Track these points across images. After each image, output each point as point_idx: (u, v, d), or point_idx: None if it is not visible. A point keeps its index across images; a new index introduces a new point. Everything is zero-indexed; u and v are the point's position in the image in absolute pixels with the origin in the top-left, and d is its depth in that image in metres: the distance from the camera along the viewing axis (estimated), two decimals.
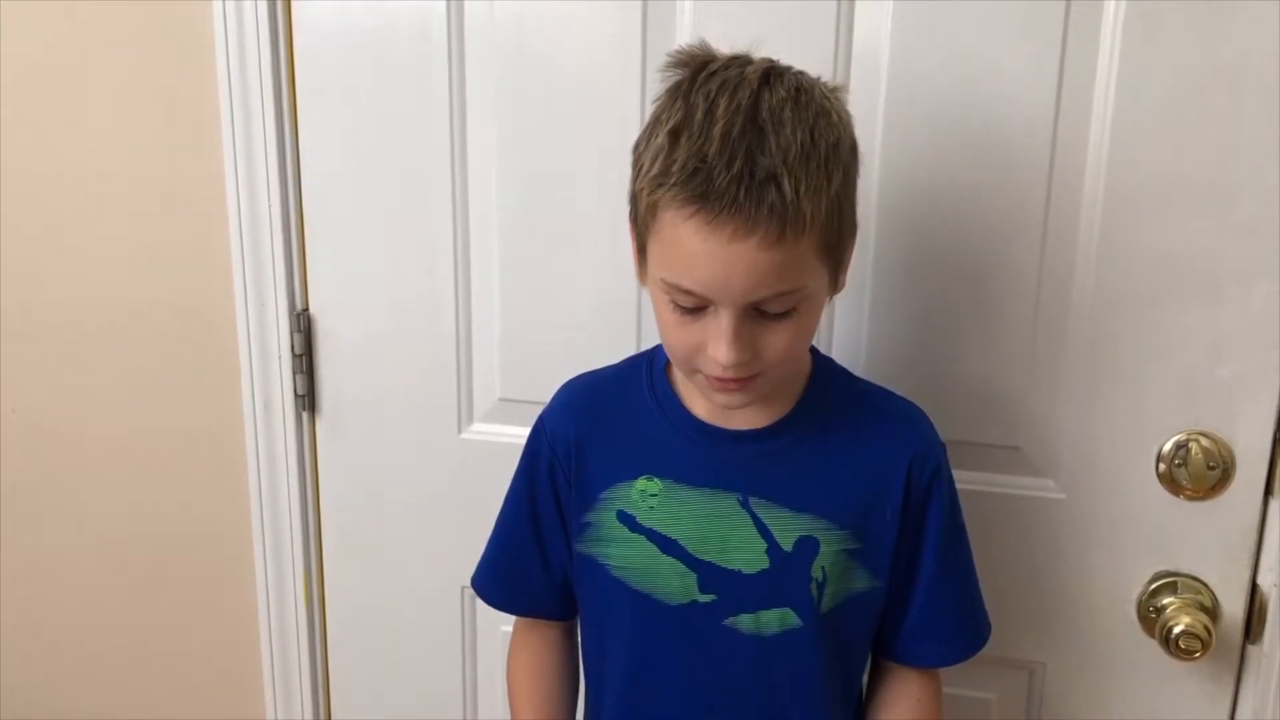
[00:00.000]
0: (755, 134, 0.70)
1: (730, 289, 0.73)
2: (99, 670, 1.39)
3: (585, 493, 0.89)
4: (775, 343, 0.76)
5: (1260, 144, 0.92)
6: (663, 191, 0.72)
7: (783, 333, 0.76)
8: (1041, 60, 0.94)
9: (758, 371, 0.77)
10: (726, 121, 0.70)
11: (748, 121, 0.71)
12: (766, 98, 0.72)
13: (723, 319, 0.74)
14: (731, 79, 0.73)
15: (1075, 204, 0.97)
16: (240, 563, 1.27)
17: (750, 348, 0.75)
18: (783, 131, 0.70)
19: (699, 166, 0.70)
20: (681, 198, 0.71)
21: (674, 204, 0.72)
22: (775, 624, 0.85)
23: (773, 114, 0.71)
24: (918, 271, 1.01)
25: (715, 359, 0.75)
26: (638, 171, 0.76)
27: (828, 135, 0.73)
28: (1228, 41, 0.90)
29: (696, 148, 0.71)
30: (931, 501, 0.86)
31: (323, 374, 1.20)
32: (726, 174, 0.69)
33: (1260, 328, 0.95)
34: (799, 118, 0.71)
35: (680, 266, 0.73)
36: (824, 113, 0.74)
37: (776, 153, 0.70)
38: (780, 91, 0.72)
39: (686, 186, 0.71)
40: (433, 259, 1.13)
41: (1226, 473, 0.98)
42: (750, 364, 0.76)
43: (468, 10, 1.06)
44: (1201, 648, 0.97)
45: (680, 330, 0.77)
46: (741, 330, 0.74)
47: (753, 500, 0.84)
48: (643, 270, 0.80)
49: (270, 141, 1.13)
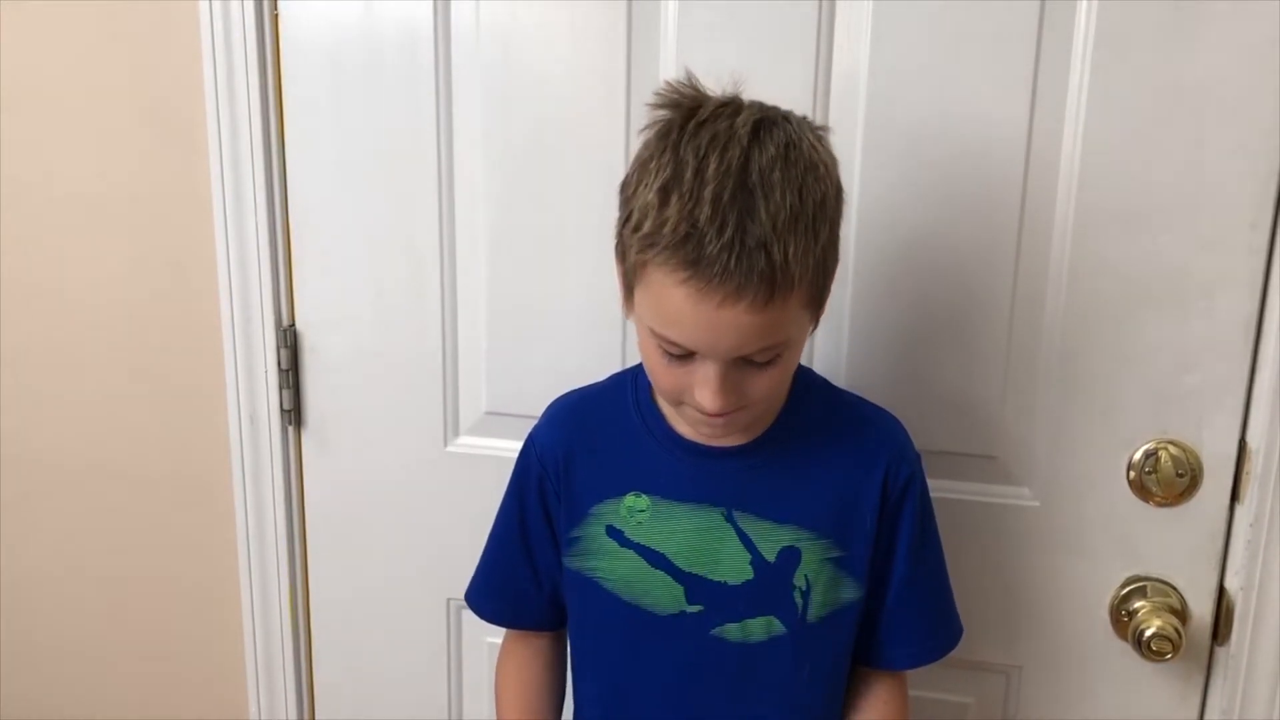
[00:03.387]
0: (746, 199, 0.71)
1: (717, 348, 0.74)
2: (81, 684, 1.38)
3: (574, 508, 0.90)
4: (759, 386, 0.78)
5: (1223, 162, 0.94)
6: (653, 253, 0.73)
7: (766, 378, 0.78)
8: (1014, 84, 0.97)
9: (741, 408, 0.79)
10: (717, 184, 0.71)
11: (738, 185, 0.71)
12: (757, 157, 0.72)
13: (710, 370, 0.76)
14: (722, 133, 0.73)
15: (1048, 221, 0.99)
16: (225, 577, 1.27)
17: (735, 392, 0.77)
18: (772, 196, 0.71)
19: (690, 232, 0.71)
20: (673, 263, 0.72)
21: (664, 267, 0.72)
22: (761, 632, 0.87)
23: (763, 176, 0.71)
24: (896, 287, 1.04)
25: (701, 405, 0.77)
26: (626, 218, 0.77)
27: (815, 193, 0.73)
28: (1193, 64, 0.93)
29: (688, 211, 0.71)
30: (905, 507, 0.88)
31: (309, 389, 1.20)
32: (718, 241, 0.70)
33: (1225, 339, 0.98)
34: (788, 178, 0.72)
35: (670, 323, 0.75)
36: (812, 167, 0.74)
37: (766, 220, 0.71)
38: (770, 149, 0.73)
39: (678, 252, 0.71)
40: (419, 274, 1.14)
41: (1194, 480, 1.01)
42: (734, 407, 0.78)
43: (455, 27, 1.07)
44: (1172, 649, 1.00)
45: (668, 371, 0.79)
46: (727, 379, 0.76)
47: (737, 514, 0.86)
48: (629, 306, 0.81)
49: (257, 157, 1.13)
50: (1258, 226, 0.95)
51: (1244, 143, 0.94)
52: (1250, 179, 0.94)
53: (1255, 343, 0.98)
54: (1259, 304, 0.97)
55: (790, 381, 0.86)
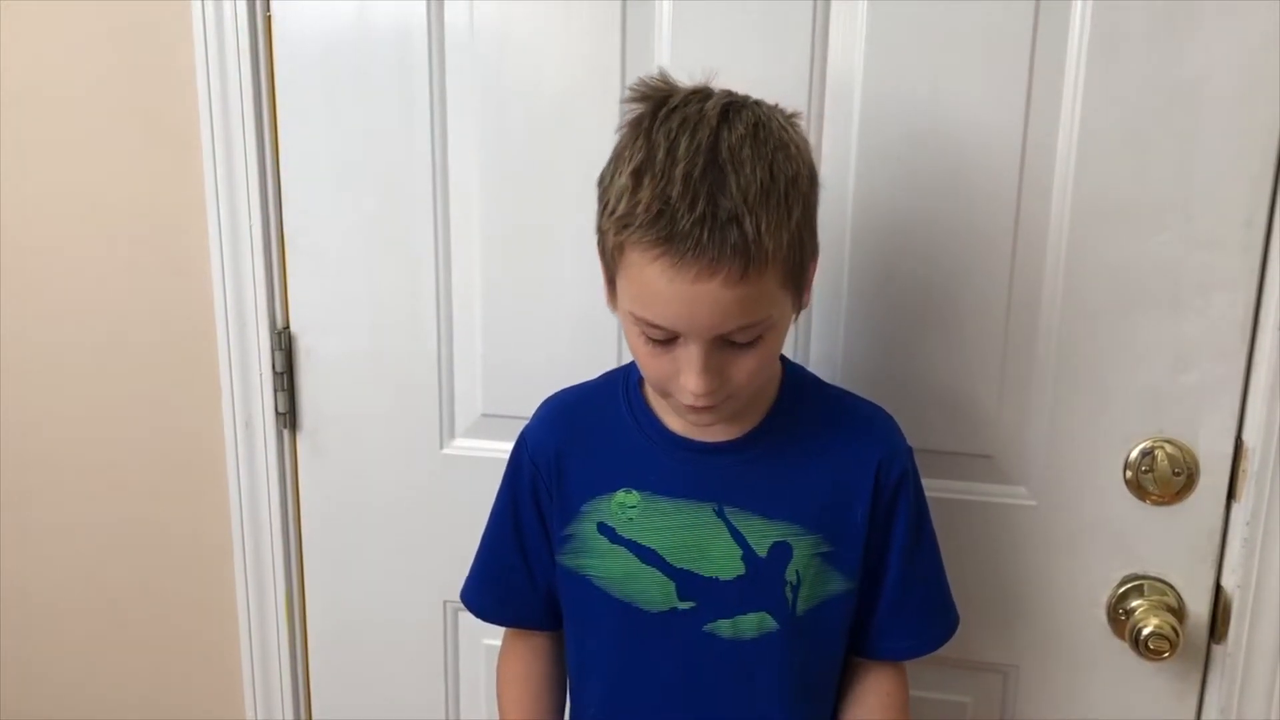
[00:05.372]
0: (716, 174, 0.72)
1: (697, 325, 0.75)
2: (76, 686, 1.38)
3: (566, 505, 0.90)
4: (742, 369, 0.79)
5: (1218, 160, 0.94)
6: (628, 233, 0.74)
7: (749, 359, 0.78)
8: (1009, 82, 0.97)
9: (727, 394, 0.79)
10: (688, 162, 0.72)
11: (708, 163, 0.72)
12: (726, 135, 0.73)
13: (692, 351, 0.76)
14: (691, 116, 0.74)
15: (1043, 219, 0.99)
16: (221, 581, 1.27)
17: (719, 375, 0.78)
18: (743, 171, 0.72)
19: (662, 209, 0.72)
20: (647, 240, 0.73)
21: (639, 246, 0.74)
22: (753, 628, 0.87)
23: (732, 153, 0.73)
24: (892, 287, 1.04)
25: (685, 388, 0.78)
26: (603, 208, 0.78)
27: (786, 170, 0.74)
28: (1187, 63, 0.93)
29: (660, 189, 0.72)
30: (899, 502, 0.89)
31: (303, 392, 1.20)
32: (690, 216, 0.71)
33: (1221, 337, 0.98)
34: (758, 155, 0.73)
35: (648, 304, 0.76)
36: (782, 146, 0.75)
37: (737, 193, 0.72)
38: (739, 128, 0.74)
39: (651, 229, 0.72)
40: (414, 276, 1.13)
41: (1191, 478, 1.01)
42: (719, 390, 0.78)
43: (448, 28, 1.07)
44: (1170, 648, 1.00)
45: (653, 359, 0.79)
46: (710, 361, 0.77)
47: (728, 509, 0.86)
48: (613, 299, 0.82)
49: (250, 159, 1.13)
50: (1253, 225, 0.95)
51: (1239, 141, 0.94)
52: (1245, 177, 0.94)
53: (1251, 341, 0.98)
54: (1254, 302, 0.97)
55: (775, 367, 0.87)
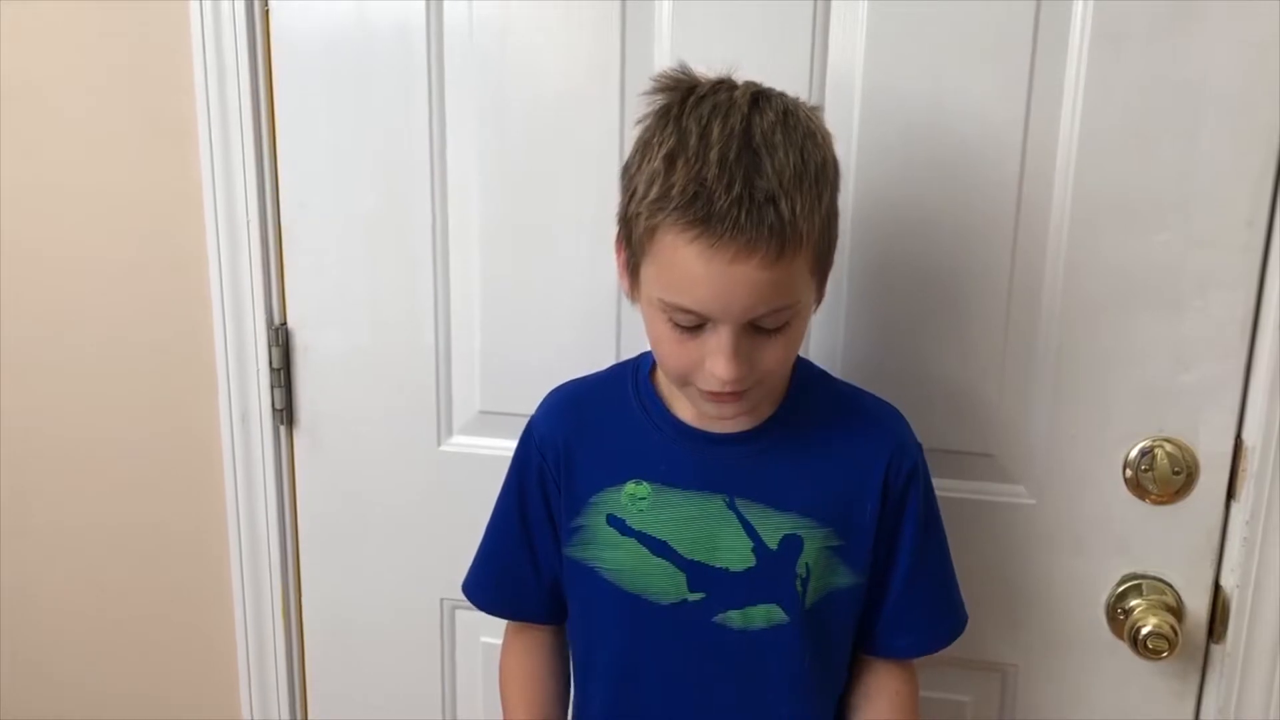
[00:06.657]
0: (751, 157, 0.73)
1: (731, 308, 0.75)
2: (72, 682, 1.37)
3: (575, 497, 0.90)
4: (770, 356, 0.79)
5: (1218, 159, 0.95)
6: (663, 215, 0.74)
7: (777, 346, 0.79)
8: (1011, 79, 0.97)
9: (755, 380, 0.79)
10: (723, 145, 0.73)
11: (743, 146, 0.73)
12: (758, 121, 0.74)
13: (722, 336, 0.76)
14: (722, 103, 0.75)
15: (1043, 217, 1.00)
16: (217, 577, 1.26)
17: (747, 361, 0.77)
18: (776, 154, 0.73)
19: (699, 190, 0.72)
20: (683, 221, 0.73)
21: (675, 228, 0.74)
22: (762, 620, 0.87)
23: (765, 137, 0.73)
24: (892, 285, 1.04)
25: (715, 374, 0.77)
26: (630, 195, 0.78)
27: (815, 155, 0.76)
28: (1188, 62, 0.94)
29: (695, 172, 0.72)
30: (909, 499, 0.89)
31: (301, 388, 1.19)
32: (727, 197, 0.71)
33: (1220, 336, 0.98)
34: (790, 140, 0.74)
35: (681, 287, 0.75)
36: (810, 134, 0.76)
37: (772, 175, 0.72)
38: (770, 115, 0.75)
39: (688, 210, 0.72)
40: (412, 272, 1.13)
41: (1190, 477, 1.01)
42: (748, 376, 0.78)
43: (447, 24, 1.07)
44: (1169, 648, 1.00)
45: (678, 347, 0.79)
46: (740, 346, 0.77)
47: (739, 501, 0.86)
48: (635, 290, 0.82)
49: (248, 155, 1.13)
50: (1254, 224, 0.96)
51: (1240, 140, 0.94)
52: (1246, 176, 0.95)
53: (1251, 340, 0.98)
54: (1255, 301, 0.97)
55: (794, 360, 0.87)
